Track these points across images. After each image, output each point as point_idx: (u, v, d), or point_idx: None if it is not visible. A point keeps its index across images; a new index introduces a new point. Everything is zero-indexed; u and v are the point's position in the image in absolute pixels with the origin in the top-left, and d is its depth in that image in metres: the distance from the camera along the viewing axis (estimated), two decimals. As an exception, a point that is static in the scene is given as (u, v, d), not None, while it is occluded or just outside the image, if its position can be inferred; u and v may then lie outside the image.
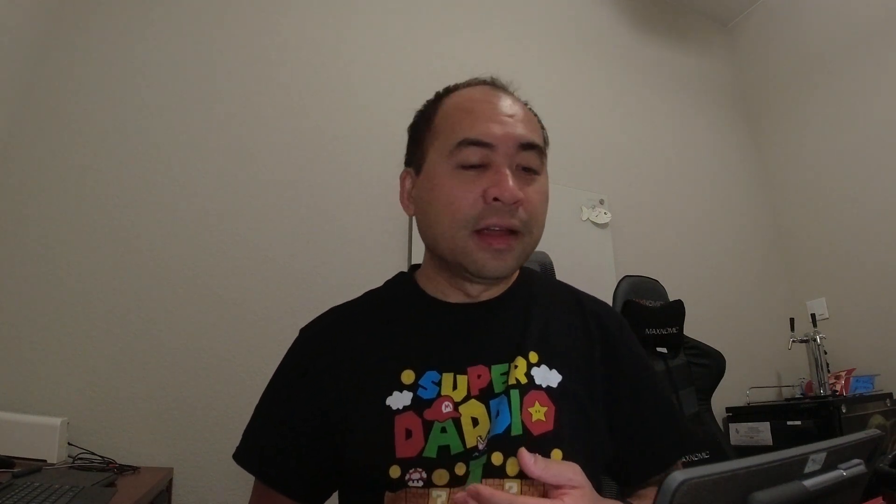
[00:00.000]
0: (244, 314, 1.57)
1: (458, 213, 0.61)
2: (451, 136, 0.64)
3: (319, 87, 1.89)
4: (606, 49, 2.63)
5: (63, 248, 1.42)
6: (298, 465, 0.63)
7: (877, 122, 2.36)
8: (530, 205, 0.62)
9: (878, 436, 0.42)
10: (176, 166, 1.61)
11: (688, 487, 0.27)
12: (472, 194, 0.61)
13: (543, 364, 0.62)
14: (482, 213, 0.60)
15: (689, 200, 2.56)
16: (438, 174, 0.64)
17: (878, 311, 2.24)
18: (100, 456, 1.21)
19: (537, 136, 0.66)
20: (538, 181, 0.65)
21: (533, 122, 0.67)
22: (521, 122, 0.64)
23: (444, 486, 0.54)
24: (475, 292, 0.67)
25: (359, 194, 1.84)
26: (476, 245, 0.61)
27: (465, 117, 0.64)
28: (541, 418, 0.58)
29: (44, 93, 1.50)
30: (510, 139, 0.62)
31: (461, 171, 0.62)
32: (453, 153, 0.63)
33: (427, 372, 0.61)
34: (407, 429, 0.57)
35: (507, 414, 0.57)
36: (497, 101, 0.66)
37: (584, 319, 0.69)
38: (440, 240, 0.64)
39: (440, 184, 0.63)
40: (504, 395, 0.59)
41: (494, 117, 0.63)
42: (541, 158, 0.65)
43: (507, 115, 0.64)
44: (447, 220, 0.62)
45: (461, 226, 0.61)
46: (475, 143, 0.62)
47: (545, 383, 0.61)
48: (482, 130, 0.62)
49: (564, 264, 1.34)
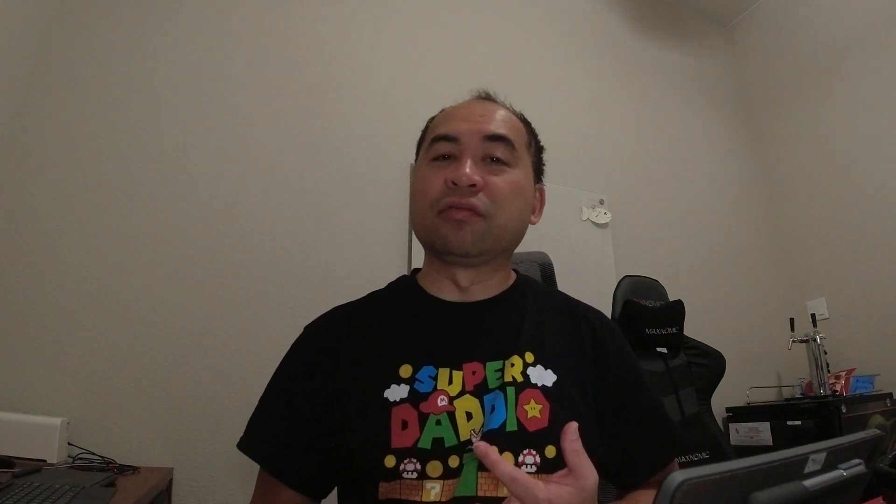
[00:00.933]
0: (245, 314, 1.57)
1: (426, 196, 0.68)
2: (430, 136, 0.73)
3: (322, 88, 1.89)
4: (606, 49, 2.63)
5: (63, 248, 1.42)
6: (303, 457, 0.64)
7: (877, 121, 2.36)
8: (493, 191, 0.66)
9: (878, 436, 0.42)
10: (177, 166, 1.61)
11: (688, 487, 0.27)
12: (438, 180, 0.67)
13: (539, 364, 0.64)
14: (443, 194, 0.66)
15: (689, 200, 2.56)
16: (419, 168, 0.73)
17: (878, 311, 2.25)
18: (100, 456, 1.21)
19: (507, 131, 0.70)
20: (508, 172, 0.69)
21: (508, 121, 0.72)
22: (491, 119, 0.71)
23: (438, 477, 0.56)
24: (465, 282, 0.70)
25: (360, 194, 1.84)
26: (440, 221, 0.67)
27: (443, 120, 0.73)
28: (536, 415, 0.59)
29: (45, 90, 1.50)
30: (475, 132, 0.69)
31: (434, 163, 0.70)
32: (429, 149, 0.72)
33: (424, 367, 0.63)
34: (403, 420, 0.59)
35: (503, 410, 0.59)
36: (475, 106, 0.73)
37: (576, 324, 0.72)
38: (417, 226, 0.71)
39: (418, 175, 0.72)
40: (499, 391, 0.61)
41: (466, 117, 0.71)
42: (511, 151, 0.69)
43: (479, 114, 0.71)
44: (420, 206, 0.70)
45: (428, 207, 0.68)
46: (443, 137, 0.70)
47: (540, 382, 0.62)
48: (451, 127, 0.70)
49: (564, 264, 1.34)
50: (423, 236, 0.70)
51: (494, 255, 0.70)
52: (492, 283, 0.72)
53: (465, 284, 0.70)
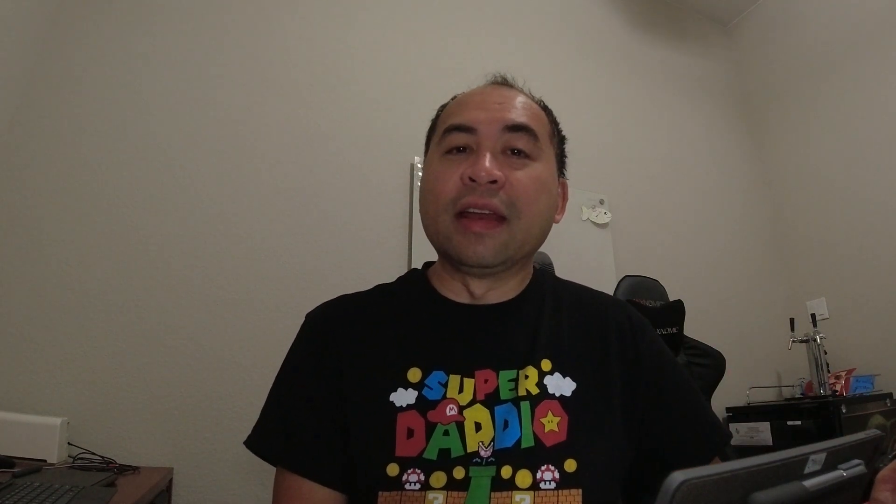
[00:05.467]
0: (244, 314, 1.57)
1: (439, 196, 0.61)
2: (442, 126, 0.65)
3: (323, 87, 1.89)
4: (606, 49, 2.63)
5: (63, 248, 1.43)
6: (330, 452, 0.58)
7: (877, 121, 2.36)
8: (515, 188, 0.60)
9: (879, 436, 0.42)
10: (177, 166, 1.61)
11: (688, 487, 0.27)
12: (453, 177, 0.60)
13: (557, 372, 0.60)
14: (460, 193, 0.60)
15: (689, 200, 2.56)
16: (430, 163, 0.66)
17: (878, 311, 2.24)
18: (100, 456, 1.21)
19: (529, 119, 0.64)
20: (531, 166, 0.62)
21: (529, 109, 0.65)
22: (511, 107, 0.64)
23: (442, 488, 0.53)
24: (479, 291, 0.64)
25: (360, 194, 1.84)
26: (456, 229, 0.60)
27: (456, 108, 0.66)
28: (553, 429, 0.56)
29: (44, 90, 1.50)
30: (493, 122, 0.62)
31: (447, 156, 0.63)
32: (441, 142, 0.64)
33: (434, 371, 0.59)
34: (409, 428, 0.56)
35: (517, 426, 0.56)
36: (491, 93, 0.66)
37: (599, 320, 0.66)
38: (429, 227, 0.64)
39: (428, 171, 0.65)
40: (512, 405, 0.57)
41: (482, 105, 0.64)
42: (534, 142, 0.63)
43: (497, 102, 0.64)
44: (432, 205, 0.62)
45: (443, 209, 0.61)
46: (458, 127, 0.62)
47: (559, 392, 0.59)
48: (466, 116, 0.63)
49: (564, 264, 1.34)
50: (436, 241, 0.63)
51: (516, 261, 0.63)
52: (508, 287, 0.66)
53: (479, 293, 0.65)
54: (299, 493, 0.57)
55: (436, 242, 0.64)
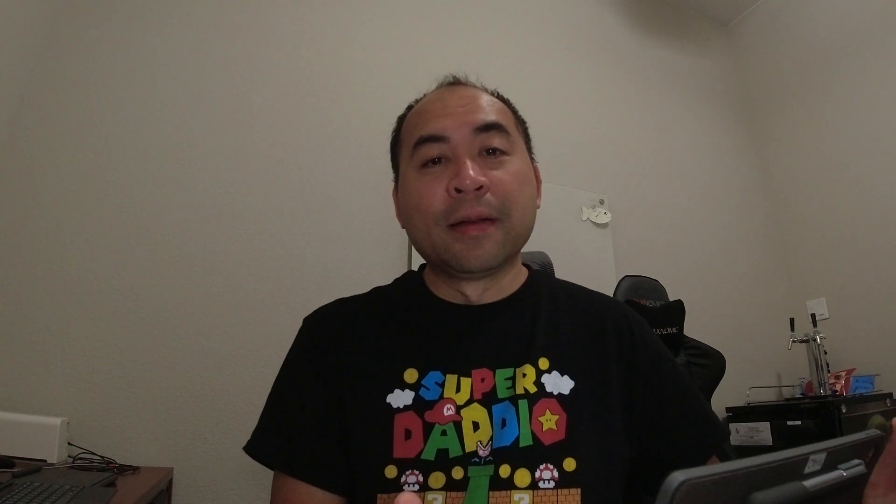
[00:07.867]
0: (244, 314, 1.57)
1: (427, 211, 0.61)
2: (410, 140, 0.65)
3: (323, 85, 1.89)
4: (606, 49, 2.63)
5: (63, 247, 1.43)
6: (330, 455, 0.58)
7: (877, 121, 2.36)
8: (500, 188, 0.60)
9: (879, 436, 0.42)
10: (177, 166, 1.61)
11: (688, 487, 0.27)
12: (438, 190, 0.60)
13: (555, 370, 0.60)
14: (451, 207, 0.59)
15: (689, 200, 2.56)
16: (407, 180, 0.65)
17: (878, 311, 2.24)
18: (100, 456, 1.21)
19: (497, 116, 0.64)
20: (509, 162, 0.62)
21: (493, 105, 0.66)
22: (474, 108, 0.63)
23: (440, 489, 0.53)
24: (475, 295, 0.65)
25: (360, 194, 1.84)
26: (452, 237, 0.60)
27: (419, 119, 0.65)
28: (552, 427, 0.56)
29: (46, 88, 1.50)
30: (463, 126, 0.61)
31: (424, 170, 0.62)
32: (413, 155, 0.63)
33: (431, 372, 0.59)
34: (406, 429, 0.56)
35: (515, 425, 0.56)
36: (449, 97, 0.66)
37: (597, 320, 0.66)
38: (421, 242, 0.64)
39: (409, 188, 0.64)
40: (510, 403, 0.57)
41: (445, 111, 0.63)
42: (507, 138, 0.63)
43: (460, 105, 0.64)
44: (420, 221, 0.62)
45: (434, 223, 0.60)
46: (429, 138, 0.62)
47: (556, 390, 0.59)
48: (434, 126, 0.62)
49: (564, 264, 1.33)
50: (432, 254, 0.63)
51: (512, 256, 0.64)
52: (502, 286, 0.67)
53: (475, 296, 0.65)
54: (298, 498, 0.57)
55: (432, 256, 0.63)
